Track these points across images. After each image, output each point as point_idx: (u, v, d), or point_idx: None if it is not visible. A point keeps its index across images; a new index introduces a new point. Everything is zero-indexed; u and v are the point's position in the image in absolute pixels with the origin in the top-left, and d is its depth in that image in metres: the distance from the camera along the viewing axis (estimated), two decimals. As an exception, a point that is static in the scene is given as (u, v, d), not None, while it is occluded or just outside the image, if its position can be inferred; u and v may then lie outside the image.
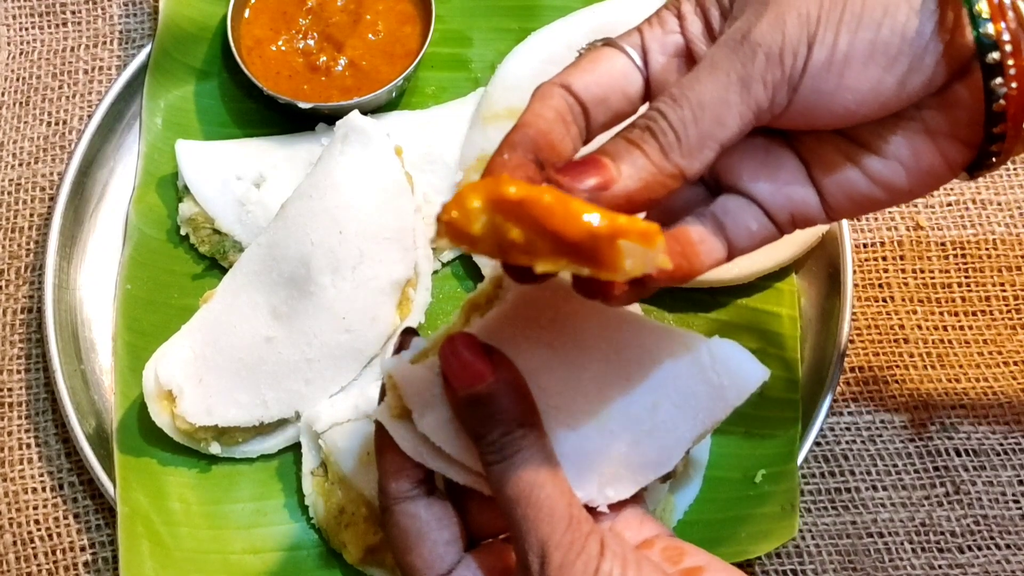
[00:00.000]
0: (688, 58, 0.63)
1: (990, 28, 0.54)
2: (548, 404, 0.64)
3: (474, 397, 0.60)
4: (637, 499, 0.69)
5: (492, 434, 0.59)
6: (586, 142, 0.64)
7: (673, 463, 0.68)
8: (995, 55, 0.54)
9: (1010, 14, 0.55)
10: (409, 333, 0.68)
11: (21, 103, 0.98)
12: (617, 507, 0.67)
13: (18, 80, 0.99)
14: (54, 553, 0.84)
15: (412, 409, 0.63)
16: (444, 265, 0.93)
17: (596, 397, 0.66)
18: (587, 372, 0.66)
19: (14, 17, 1.02)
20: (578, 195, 0.56)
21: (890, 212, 0.96)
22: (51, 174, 0.96)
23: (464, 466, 0.64)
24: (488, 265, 0.67)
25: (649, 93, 0.64)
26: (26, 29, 1.01)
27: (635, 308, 0.85)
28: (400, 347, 0.68)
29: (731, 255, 0.65)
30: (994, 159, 0.59)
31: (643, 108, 0.63)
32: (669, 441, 0.67)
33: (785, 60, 0.56)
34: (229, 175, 0.92)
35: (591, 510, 0.65)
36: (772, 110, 0.58)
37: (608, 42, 0.64)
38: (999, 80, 0.55)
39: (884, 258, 0.94)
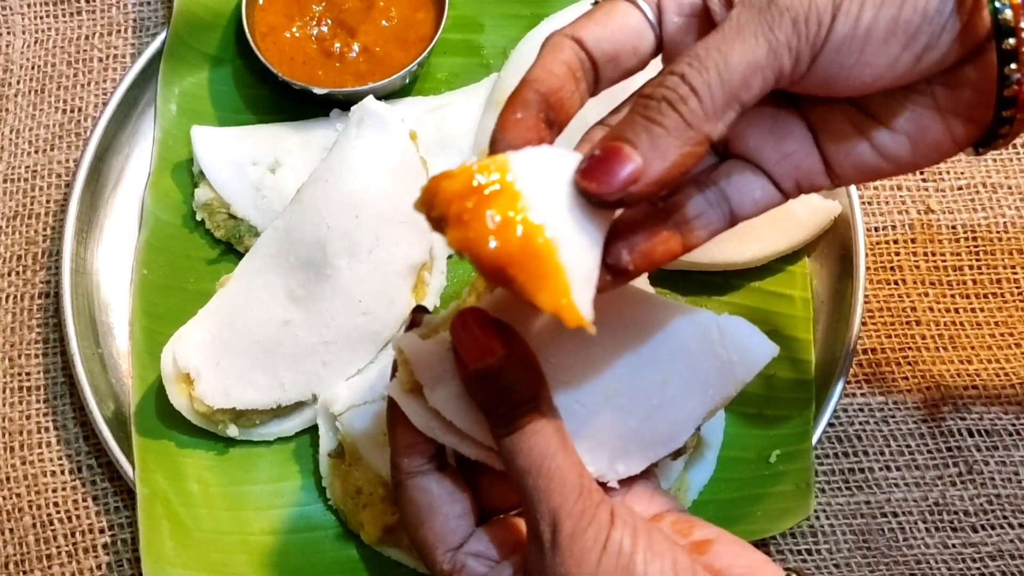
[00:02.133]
0: (703, 19, 0.62)
1: (1008, 14, 0.55)
2: (558, 380, 0.65)
3: (485, 371, 0.60)
4: (648, 475, 0.70)
5: (503, 407, 0.60)
6: (592, 94, 0.63)
7: (683, 439, 0.69)
8: (1011, 41, 0.55)
9: None
10: (420, 311, 0.69)
11: (36, 91, 0.99)
12: (628, 482, 0.68)
13: (33, 68, 1.00)
14: (73, 535, 0.84)
15: (423, 384, 0.64)
16: (459, 249, 0.93)
17: (606, 373, 0.67)
18: (597, 348, 0.67)
19: (29, 6, 1.02)
20: (610, 199, 0.55)
21: (901, 196, 0.97)
22: (67, 161, 0.96)
23: (475, 440, 0.65)
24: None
25: (661, 51, 0.63)
26: (41, 18, 1.02)
27: (645, 286, 0.85)
28: (412, 324, 0.68)
29: (733, 223, 0.65)
30: (1001, 140, 0.60)
31: (651, 66, 0.63)
32: (679, 416, 0.68)
33: (810, 27, 0.56)
34: (244, 160, 0.92)
35: (602, 485, 0.65)
36: (792, 76, 0.57)
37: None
38: (1014, 66, 0.55)
39: (896, 241, 0.95)
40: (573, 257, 0.55)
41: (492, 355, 0.61)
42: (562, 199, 0.56)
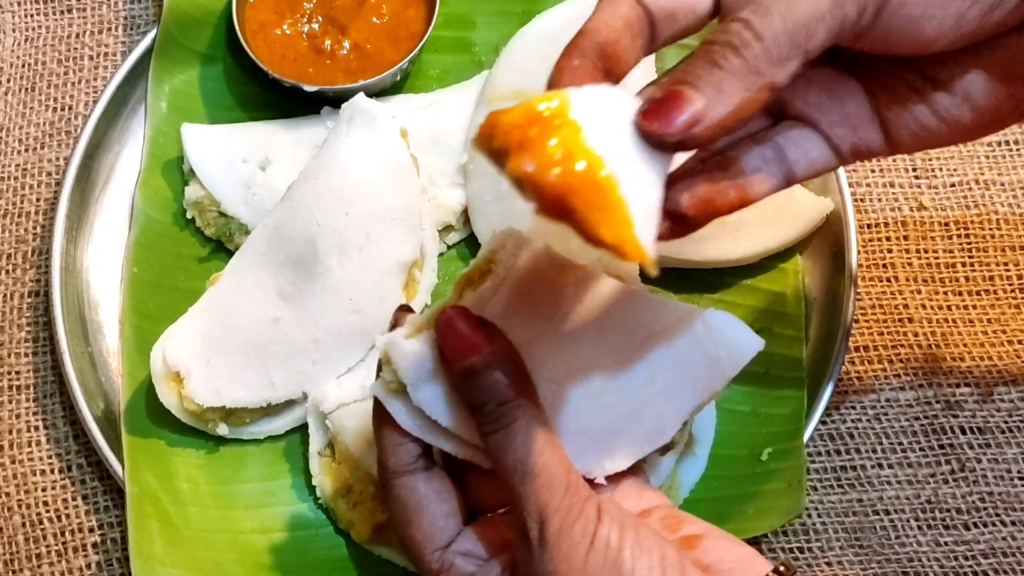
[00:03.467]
0: None
1: None
2: (543, 377, 0.65)
3: (469, 369, 0.61)
4: (636, 471, 0.70)
5: (488, 405, 0.60)
6: (649, 52, 0.62)
7: (670, 434, 0.69)
8: None
9: None
10: (404, 310, 0.69)
11: (27, 89, 0.99)
12: (615, 479, 0.68)
13: (23, 66, 0.99)
14: (63, 534, 0.84)
15: (407, 384, 0.64)
16: (450, 247, 0.93)
17: (592, 369, 0.67)
18: (582, 345, 0.67)
19: (19, 3, 1.02)
20: (670, 139, 0.54)
21: (894, 192, 0.97)
22: (57, 159, 0.96)
23: (461, 439, 0.65)
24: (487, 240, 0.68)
25: (719, 10, 0.61)
26: (31, 15, 1.02)
27: (637, 284, 0.85)
28: (395, 324, 0.68)
29: (789, 182, 0.65)
30: None
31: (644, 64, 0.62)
32: (666, 412, 0.68)
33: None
34: (235, 158, 0.92)
35: (589, 482, 0.65)
36: (856, 28, 0.56)
37: None
38: None
39: (888, 238, 0.95)
40: (634, 194, 0.53)
41: (476, 352, 0.61)
42: (622, 138, 0.54)
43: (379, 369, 0.66)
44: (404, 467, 0.65)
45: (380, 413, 0.66)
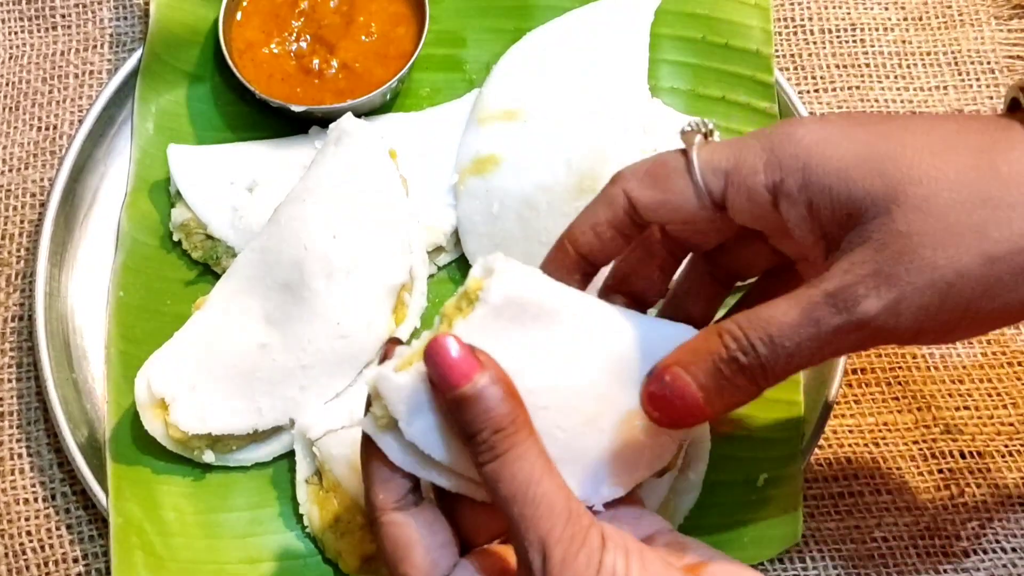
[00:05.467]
0: (771, 209, 0.64)
1: None
2: (536, 404, 0.63)
3: (461, 397, 0.59)
4: (633, 498, 0.69)
5: (482, 433, 0.59)
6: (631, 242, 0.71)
7: (667, 458, 0.68)
8: None
9: None
10: (394, 342, 0.68)
11: (11, 108, 0.97)
12: (612, 506, 0.67)
13: (7, 85, 0.98)
14: (46, 565, 0.83)
15: (398, 418, 0.62)
16: (440, 269, 0.92)
17: (585, 394, 0.65)
18: (574, 369, 0.65)
19: (3, 21, 1.01)
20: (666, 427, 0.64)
21: (891, 211, 0.95)
22: (41, 180, 0.95)
23: (454, 472, 0.63)
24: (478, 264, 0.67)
25: (721, 224, 0.68)
26: (15, 33, 1.00)
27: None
28: (384, 357, 0.67)
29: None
30: None
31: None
32: (662, 436, 0.67)
33: (894, 340, 0.61)
34: (222, 180, 0.90)
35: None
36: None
37: (691, 170, 0.66)
38: None
39: (886, 258, 0.93)
40: None
41: (467, 380, 0.59)
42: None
43: (368, 405, 0.64)
44: (394, 503, 0.64)
45: (368, 448, 0.64)
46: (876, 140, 0.61)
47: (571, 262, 0.70)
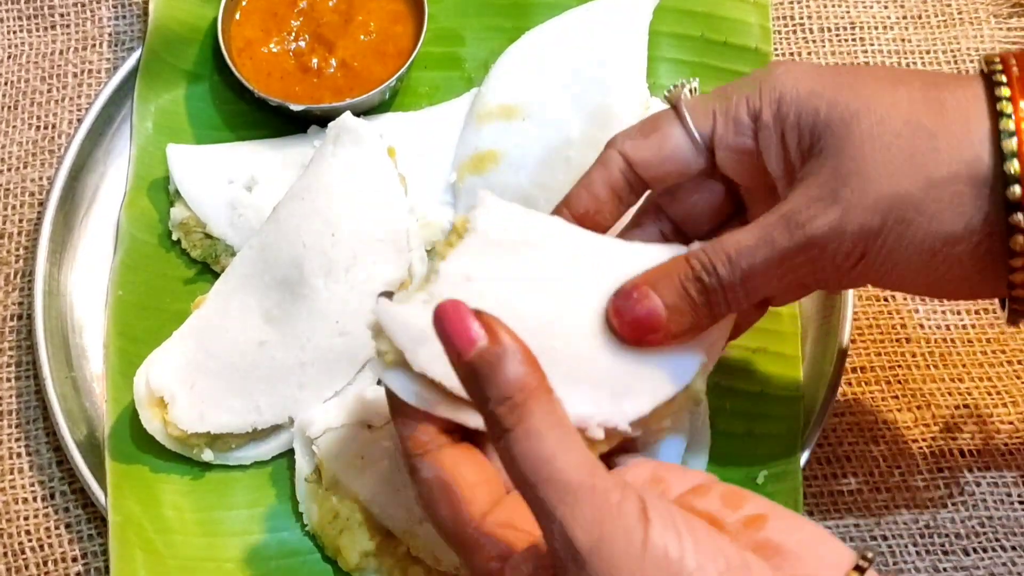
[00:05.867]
0: (754, 157, 0.69)
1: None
2: (535, 326, 0.61)
3: (469, 365, 0.54)
4: (660, 429, 0.70)
5: (491, 403, 0.53)
6: (632, 205, 0.74)
7: (689, 376, 0.67)
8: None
9: None
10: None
11: (9, 107, 0.97)
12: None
13: (6, 84, 0.98)
14: (46, 564, 0.83)
15: (404, 349, 0.60)
16: (439, 267, 0.92)
17: (582, 314, 0.66)
18: (569, 291, 0.66)
19: (1, 20, 1.01)
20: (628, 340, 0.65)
21: (891, 209, 0.95)
22: (40, 179, 0.95)
23: (471, 404, 0.58)
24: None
25: (711, 171, 0.71)
26: (14, 32, 1.00)
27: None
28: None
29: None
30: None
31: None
32: (682, 350, 0.67)
33: (838, 262, 0.64)
34: (221, 178, 0.91)
35: (616, 448, 0.65)
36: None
37: (681, 117, 0.70)
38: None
39: (885, 256, 0.93)
40: None
41: (472, 346, 0.54)
42: None
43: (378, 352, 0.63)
44: (425, 446, 0.61)
45: (393, 402, 0.62)
46: (839, 76, 0.66)
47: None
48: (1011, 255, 0.62)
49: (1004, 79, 0.63)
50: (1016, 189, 0.61)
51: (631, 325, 0.64)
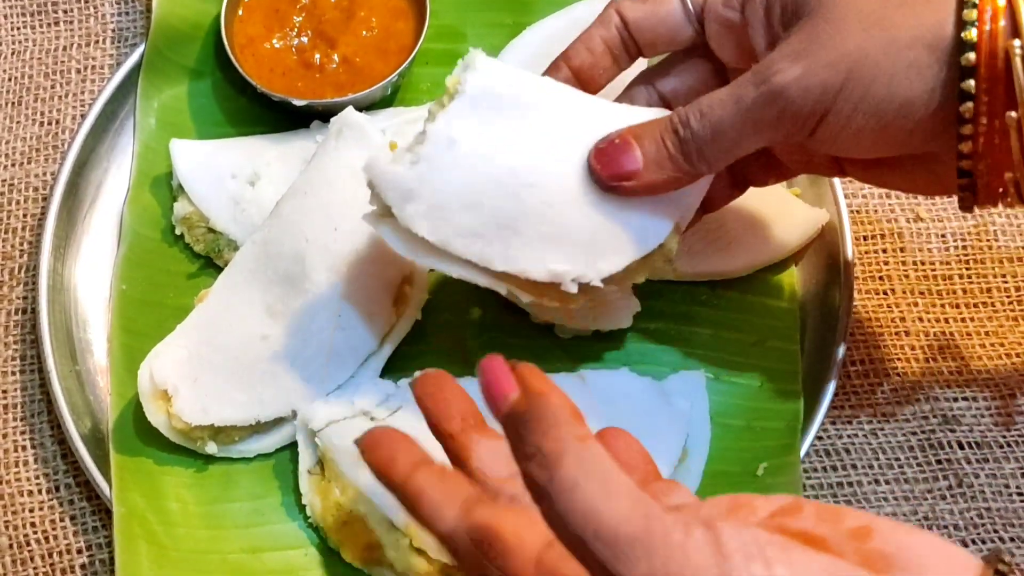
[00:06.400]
0: (741, 30, 0.71)
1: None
2: (521, 182, 0.67)
3: (507, 415, 0.49)
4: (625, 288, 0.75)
5: (527, 452, 0.48)
6: (625, 68, 0.76)
7: (661, 236, 0.71)
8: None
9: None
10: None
11: (13, 103, 0.98)
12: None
13: (10, 80, 0.99)
14: (51, 556, 0.83)
15: (391, 204, 0.66)
16: (441, 262, 0.92)
17: (568, 174, 0.69)
18: (557, 150, 0.69)
19: (5, 16, 1.01)
20: (605, 184, 0.68)
21: (890, 204, 0.96)
22: (44, 174, 0.95)
23: (458, 259, 0.68)
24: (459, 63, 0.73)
25: (699, 44, 0.74)
26: (18, 28, 1.01)
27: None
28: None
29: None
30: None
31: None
32: (655, 211, 0.71)
33: (801, 119, 0.65)
34: (224, 174, 0.91)
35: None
36: (786, 143, 0.71)
37: None
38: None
39: (884, 250, 0.94)
40: None
41: (505, 398, 0.49)
42: None
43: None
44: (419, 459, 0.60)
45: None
46: None
47: (563, 79, 0.74)
48: (960, 121, 0.63)
49: None
50: (971, 55, 0.61)
51: (609, 168, 0.68)
